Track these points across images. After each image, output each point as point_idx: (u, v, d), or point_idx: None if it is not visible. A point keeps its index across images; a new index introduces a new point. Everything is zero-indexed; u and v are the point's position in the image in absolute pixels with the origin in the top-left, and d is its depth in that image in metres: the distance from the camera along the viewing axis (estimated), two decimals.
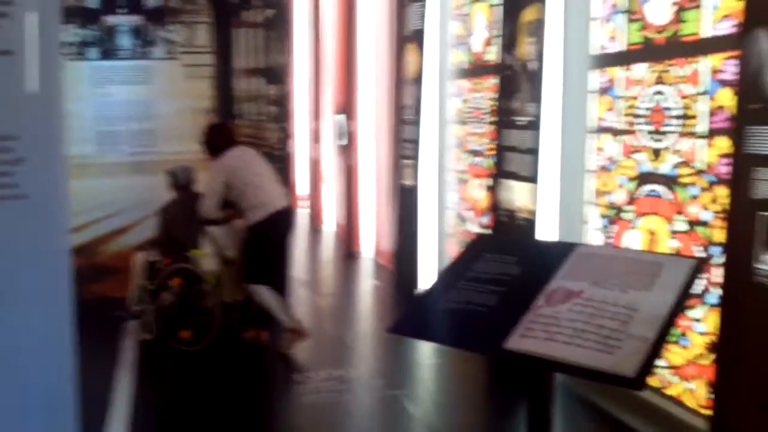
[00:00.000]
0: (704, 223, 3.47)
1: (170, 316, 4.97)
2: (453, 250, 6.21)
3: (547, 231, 4.51)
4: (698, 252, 3.51)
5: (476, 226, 5.78)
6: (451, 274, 2.02)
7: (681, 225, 3.62)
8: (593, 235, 4.31)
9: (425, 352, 5.04)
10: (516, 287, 1.89)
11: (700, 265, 1.79)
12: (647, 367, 1.51)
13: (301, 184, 10.93)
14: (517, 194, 4.63)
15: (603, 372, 1.54)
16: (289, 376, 4.57)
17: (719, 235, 3.39)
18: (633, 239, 3.97)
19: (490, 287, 1.92)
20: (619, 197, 4.08)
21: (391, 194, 6.99)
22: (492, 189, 5.05)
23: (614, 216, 4.13)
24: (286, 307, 4.92)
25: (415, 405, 4.15)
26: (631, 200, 3.98)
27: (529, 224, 4.51)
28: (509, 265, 1.98)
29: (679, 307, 1.65)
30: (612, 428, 3.73)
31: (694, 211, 3.53)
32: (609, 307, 1.70)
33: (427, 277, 6.36)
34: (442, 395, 4.39)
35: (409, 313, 1.97)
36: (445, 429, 3.85)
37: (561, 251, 1.97)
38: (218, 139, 4.98)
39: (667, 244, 3.71)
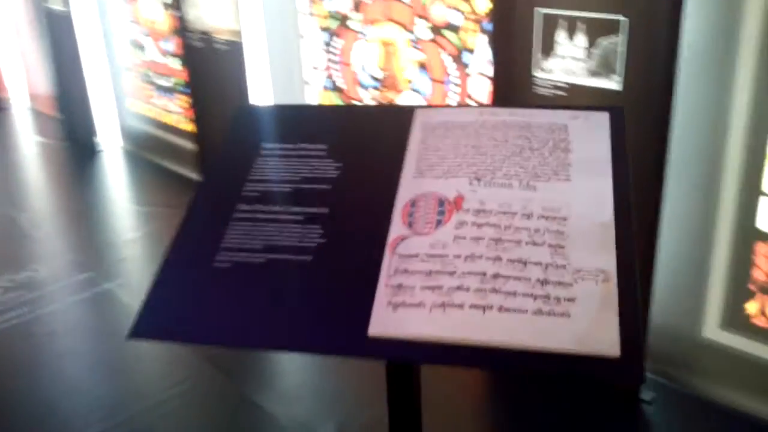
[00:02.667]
0: (453, 28, 2.91)
1: None
2: (133, 86, 5.06)
3: (256, 55, 3.67)
4: (450, 63, 2.98)
5: (159, 54, 4.69)
6: (212, 196, 1.16)
7: (423, 32, 3.03)
8: (314, 54, 3.57)
9: (128, 224, 4.10)
10: (345, 203, 1.11)
11: (622, 116, 1.17)
12: (635, 330, 0.89)
13: None
14: (209, 11, 3.65)
15: (567, 355, 0.89)
16: None
17: (471, 40, 2.87)
18: (364, 54, 3.31)
19: (299, 210, 1.11)
20: (343, 4, 3.34)
21: (37, 23, 5.46)
22: (174, 6, 3.98)
23: (338, 27, 3.41)
24: None
25: (134, 296, 3.29)
26: (359, 6, 3.27)
27: (234, 49, 3.61)
28: (317, 159, 1.18)
29: (627, 196, 1.03)
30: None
31: (439, 13, 2.94)
32: (520, 222, 1.02)
33: (105, 124, 5.19)
34: None
35: (157, 296, 1.06)
36: None
37: (392, 121, 1.21)
38: None
39: (409, 57, 3.12)
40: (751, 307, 2.31)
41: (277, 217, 1.11)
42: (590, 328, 0.90)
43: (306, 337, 0.97)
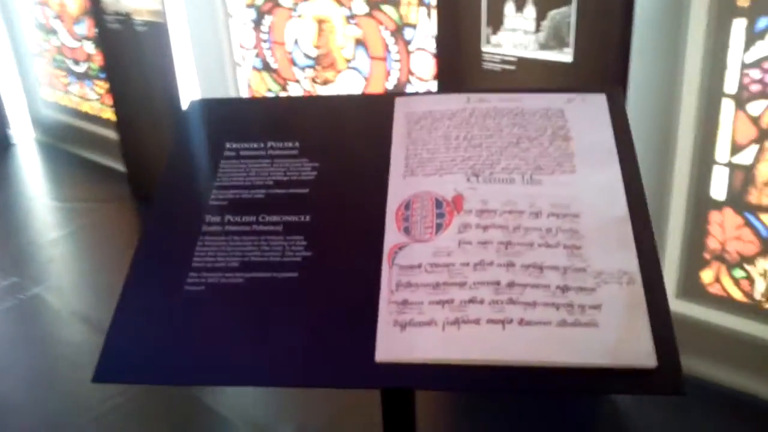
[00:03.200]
0: (392, 2, 2.80)
1: None
2: (45, 73, 4.74)
3: (181, 36, 3.46)
4: (389, 38, 2.86)
5: (70, 38, 4.39)
6: (172, 208, 1.02)
7: (360, 7, 2.90)
8: (243, 33, 3.40)
9: (51, 222, 3.85)
10: (328, 209, 0.99)
11: (621, 97, 1.09)
12: (669, 335, 0.81)
13: None
14: None
15: (598, 370, 0.80)
16: None
17: (412, 14, 2.76)
18: (298, 33, 3.16)
19: (276, 219, 0.99)
20: None
21: None
22: None
23: (266, 3, 3.24)
24: None
25: (65, 300, 3.09)
26: None
27: (156, 30, 3.40)
28: (290, 159, 1.05)
29: (639, 186, 0.95)
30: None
31: None
32: (529, 222, 0.93)
33: (18, 115, 4.86)
34: (85, 277, 3.36)
35: (121, 330, 0.89)
36: (96, 316, 2.92)
37: (370, 113, 1.09)
38: None
39: (345, 34, 2.99)
40: (707, 275, 2.31)
41: (252, 229, 0.98)
42: (621, 337, 0.82)
43: (303, 369, 0.84)
